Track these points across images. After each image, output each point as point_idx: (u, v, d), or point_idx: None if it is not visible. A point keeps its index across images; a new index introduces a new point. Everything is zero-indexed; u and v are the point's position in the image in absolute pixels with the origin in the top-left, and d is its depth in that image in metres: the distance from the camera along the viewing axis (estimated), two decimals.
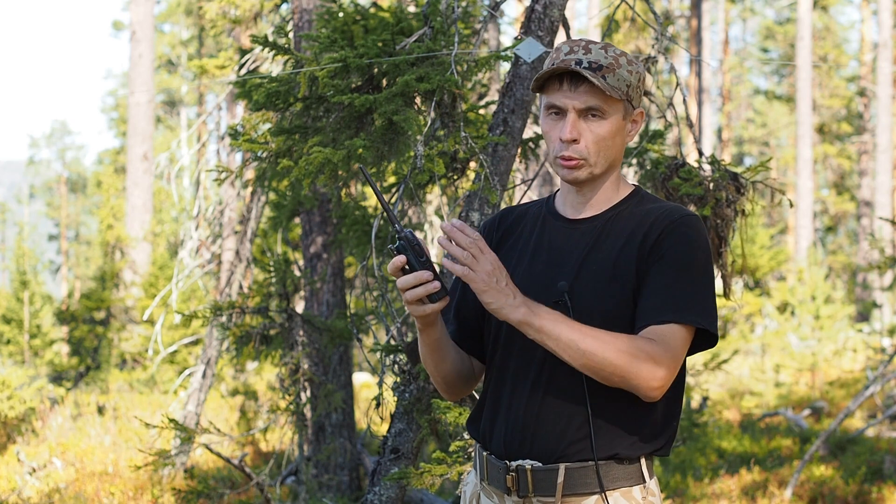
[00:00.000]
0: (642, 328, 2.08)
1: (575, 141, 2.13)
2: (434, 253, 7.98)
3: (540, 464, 2.14)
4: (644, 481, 2.16)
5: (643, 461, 2.16)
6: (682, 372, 2.21)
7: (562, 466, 2.12)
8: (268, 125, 4.48)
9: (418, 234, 7.87)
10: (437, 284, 2.04)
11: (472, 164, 4.18)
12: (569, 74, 2.12)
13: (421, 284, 2.03)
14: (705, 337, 2.14)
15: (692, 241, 2.13)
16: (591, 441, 2.11)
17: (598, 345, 2.01)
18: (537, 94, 3.78)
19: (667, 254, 2.11)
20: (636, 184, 2.32)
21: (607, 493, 2.12)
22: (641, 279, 2.11)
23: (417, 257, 2.04)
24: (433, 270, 2.05)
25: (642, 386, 2.04)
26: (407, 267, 2.05)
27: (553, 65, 2.13)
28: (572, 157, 2.14)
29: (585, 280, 2.14)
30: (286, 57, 4.54)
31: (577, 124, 2.13)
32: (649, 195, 2.27)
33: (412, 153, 3.98)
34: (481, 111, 4.84)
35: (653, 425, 2.15)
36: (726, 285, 4.25)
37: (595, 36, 21.07)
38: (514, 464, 2.16)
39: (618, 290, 2.12)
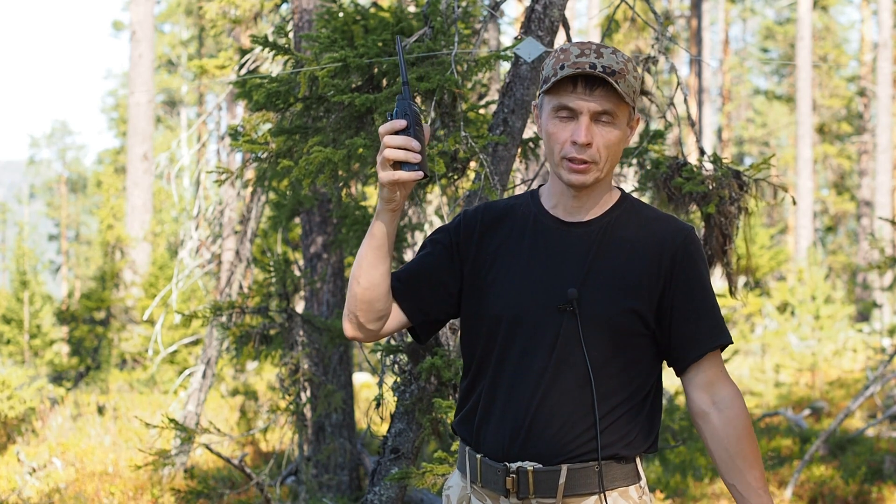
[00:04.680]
0: (699, 357, 2.20)
1: (588, 145, 2.12)
2: None
3: (541, 465, 2.14)
4: (639, 479, 2.19)
5: (638, 460, 2.20)
6: (659, 370, 2.25)
7: (564, 468, 2.13)
8: (268, 125, 4.48)
9: (418, 235, 7.85)
10: (418, 157, 2.01)
11: (472, 164, 4.18)
12: (583, 77, 2.10)
13: (406, 150, 2.02)
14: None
15: (702, 260, 2.24)
16: (598, 443, 2.12)
17: (757, 455, 2.19)
18: (536, 94, 3.75)
19: (690, 277, 2.20)
20: (619, 186, 2.32)
21: (606, 493, 2.14)
22: (663, 301, 2.17)
23: (407, 128, 2.03)
24: (423, 146, 2.03)
25: None
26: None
27: (563, 66, 2.10)
28: (584, 160, 2.13)
29: (594, 288, 2.15)
30: (286, 57, 4.54)
31: (590, 128, 2.12)
32: (638, 200, 2.29)
33: None
34: (481, 111, 4.83)
35: (643, 424, 2.18)
36: (731, 283, 4.25)
37: (595, 36, 21.06)
38: (514, 465, 2.15)
39: (627, 300, 2.14)
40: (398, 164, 2.03)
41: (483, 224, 2.27)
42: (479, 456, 2.21)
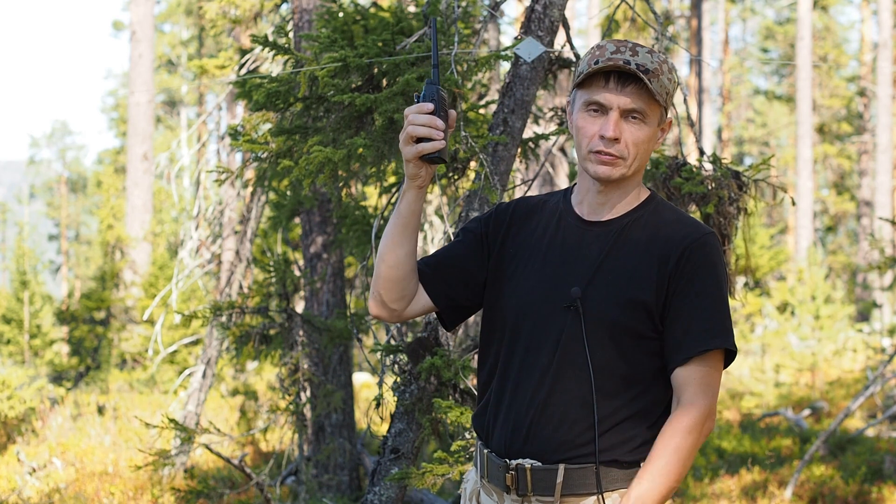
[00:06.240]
0: (686, 360, 2.11)
1: (616, 140, 2.12)
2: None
3: (540, 463, 2.14)
4: None
5: (642, 464, 2.16)
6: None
7: (561, 467, 2.12)
8: (268, 125, 4.49)
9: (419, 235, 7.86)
10: (441, 134, 2.07)
11: (472, 164, 4.18)
12: (616, 73, 2.10)
13: (429, 127, 2.06)
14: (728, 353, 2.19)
15: (716, 264, 2.15)
16: (595, 446, 2.11)
17: (678, 462, 2.08)
18: (540, 92, 3.76)
19: (694, 278, 2.12)
20: (652, 189, 2.31)
21: (605, 494, 2.13)
22: (668, 302, 2.12)
23: (433, 111, 2.08)
24: (446, 131, 2.09)
25: (708, 435, 2.16)
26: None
27: (598, 62, 2.10)
28: (612, 153, 2.13)
29: (600, 286, 2.14)
30: (286, 57, 4.54)
31: (619, 123, 2.12)
32: (665, 203, 2.26)
33: None
34: (481, 111, 4.84)
35: (653, 432, 2.15)
36: (729, 284, 4.25)
37: (595, 36, 21.06)
38: (513, 462, 2.16)
39: (632, 301, 2.12)
40: (421, 142, 2.09)
41: (513, 218, 2.30)
42: (486, 451, 2.23)
